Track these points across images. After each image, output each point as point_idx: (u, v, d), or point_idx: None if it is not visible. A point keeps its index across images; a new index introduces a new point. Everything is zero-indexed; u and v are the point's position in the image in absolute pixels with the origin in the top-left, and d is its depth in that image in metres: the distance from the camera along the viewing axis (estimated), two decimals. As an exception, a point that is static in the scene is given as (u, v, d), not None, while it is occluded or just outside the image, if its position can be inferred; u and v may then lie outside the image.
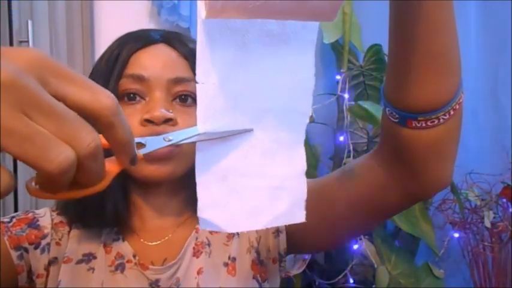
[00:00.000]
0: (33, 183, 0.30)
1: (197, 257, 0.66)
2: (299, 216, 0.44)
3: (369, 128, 1.49)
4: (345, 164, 1.39)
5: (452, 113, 0.50)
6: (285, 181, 0.44)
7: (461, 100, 0.50)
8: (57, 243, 0.64)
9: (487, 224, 1.34)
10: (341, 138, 1.43)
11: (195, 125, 0.63)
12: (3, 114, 0.24)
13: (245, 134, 0.42)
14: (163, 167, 0.63)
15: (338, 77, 1.45)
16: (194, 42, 0.69)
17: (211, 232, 0.68)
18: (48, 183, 0.27)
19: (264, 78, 0.42)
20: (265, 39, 0.42)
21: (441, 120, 0.50)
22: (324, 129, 1.50)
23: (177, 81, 0.64)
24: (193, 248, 0.67)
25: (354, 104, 1.36)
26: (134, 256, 0.65)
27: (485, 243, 1.37)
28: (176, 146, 0.62)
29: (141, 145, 0.37)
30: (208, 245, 0.67)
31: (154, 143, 0.38)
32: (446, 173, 0.55)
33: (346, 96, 1.43)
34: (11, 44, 1.47)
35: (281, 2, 0.36)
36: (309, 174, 0.44)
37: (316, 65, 0.44)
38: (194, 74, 0.64)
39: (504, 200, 1.38)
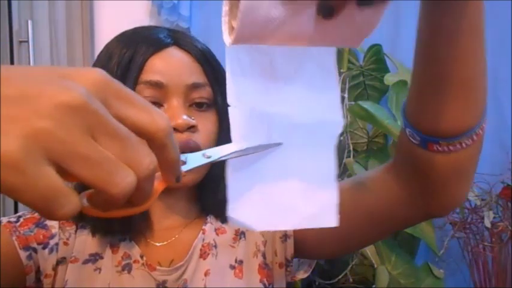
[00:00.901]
0: (84, 200, 0.30)
1: (204, 259, 0.66)
2: (331, 221, 0.44)
3: (369, 128, 1.49)
4: (345, 164, 1.39)
5: (475, 138, 0.49)
6: (315, 184, 0.44)
7: (484, 125, 0.50)
8: (65, 243, 0.64)
9: (487, 224, 1.34)
10: (341, 138, 1.43)
11: (213, 129, 0.65)
12: (76, 140, 0.25)
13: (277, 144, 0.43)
14: (189, 175, 0.63)
15: (338, 77, 1.45)
16: (200, 42, 0.68)
17: (217, 233, 0.68)
18: (104, 203, 0.28)
19: (293, 93, 0.43)
20: (288, 54, 0.42)
21: (463, 145, 0.49)
22: (324, 129, 1.50)
23: (194, 86, 0.64)
24: (200, 250, 0.67)
25: (354, 104, 1.35)
26: (141, 257, 0.65)
27: (485, 243, 1.37)
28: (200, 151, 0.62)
29: (182, 162, 0.38)
30: (215, 246, 0.67)
31: (194, 160, 0.39)
32: (464, 192, 0.55)
33: (346, 96, 1.43)
34: (11, 44, 1.47)
35: (309, 31, 0.36)
36: (309, 174, 0.44)
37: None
38: (207, 78, 0.65)
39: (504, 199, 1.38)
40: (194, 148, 0.62)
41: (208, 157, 0.40)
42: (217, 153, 0.41)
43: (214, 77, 0.66)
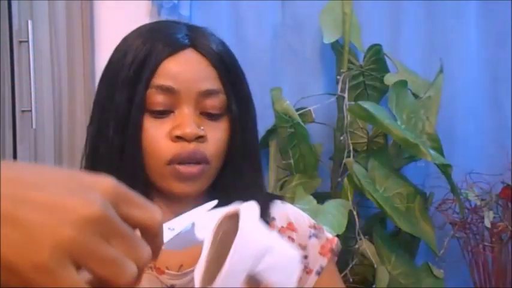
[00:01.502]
0: None
1: None
2: None
3: (369, 128, 1.49)
4: (345, 164, 1.39)
5: None
6: None
7: None
8: None
9: (487, 224, 1.34)
10: (341, 138, 1.43)
11: (223, 138, 0.67)
12: (95, 245, 0.29)
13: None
14: (192, 185, 0.63)
15: (338, 77, 1.45)
16: (221, 43, 0.67)
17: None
18: None
19: None
20: None
21: None
22: (324, 129, 1.50)
23: (207, 94, 0.63)
24: None
25: (354, 104, 1.35)
26: None
27: (485, 243, 1.37)
28: (206, 163, 0.62)
29: None
30: None
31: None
32: None
33: (346, 96, 1.43)
34: (11, 44, 1.47)
35: None
36: (309, 174, 0.45)
37: (316, 65, 0.44)
38: (222, 83, 0.64)
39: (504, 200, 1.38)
40: (200, 159, 0.62)
41: (172, 229, 0.44)
42: (179, 224, 0.45)
43: (230, 82, 0.65)
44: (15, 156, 1.43)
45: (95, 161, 0.66)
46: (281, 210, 0.73)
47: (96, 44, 1.59)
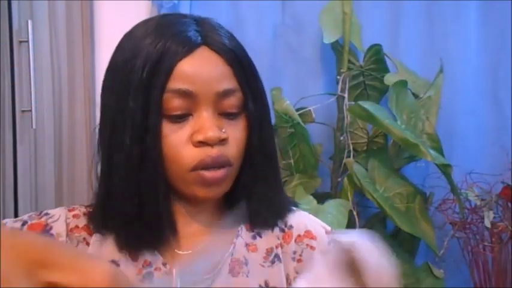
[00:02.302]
0: None
1: (233, 276, 0.64)
2: None
3: (369, 128, 1.49)
4: (345, 164, 1.39)
5: None
6: None
7: None
8: None
9: (487, 224, 1.34)
10: (341, 138, 1.43)
11: (242, 137, 0.64)
12: None
13: None
14: (217, 189, 0.62)
15: (338, 77, 1.45)
16: (231, 37, 0.65)
17: (248, 249, 0.66)
18: None
19: None
20: None
21: None
22: (324, 129, 1.50)
23: (225, 94, 0.61)
24: (229, 265, 0.64)
25: (354, 104, 1.35)
26: (164, 264, 0.62)
27: (485, 243, 1.37)
28: (229, 166, 0.62)
29: None
30: (246, 264, 0.65)
31: None
32: None
33: (346, 96, 1.43)
34: (11, 44, 1.47)
35: None
36: (309, 174, 0.45)
37: (316, 65, 0.44)
38: (238, 81, 0.63)
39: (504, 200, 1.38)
40: (224, 163, 0.61)
41: None
42: None
43: (246, 79, 0.64)
44: (15, 156, 1.43)
45: (111, 170, 0.63)
46: (297, 217, 0.71)
47: (96, 44, 1.59)
